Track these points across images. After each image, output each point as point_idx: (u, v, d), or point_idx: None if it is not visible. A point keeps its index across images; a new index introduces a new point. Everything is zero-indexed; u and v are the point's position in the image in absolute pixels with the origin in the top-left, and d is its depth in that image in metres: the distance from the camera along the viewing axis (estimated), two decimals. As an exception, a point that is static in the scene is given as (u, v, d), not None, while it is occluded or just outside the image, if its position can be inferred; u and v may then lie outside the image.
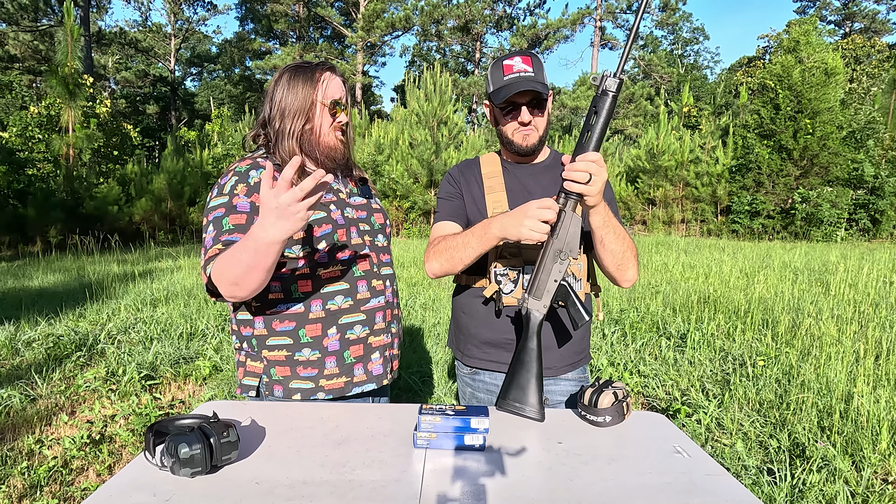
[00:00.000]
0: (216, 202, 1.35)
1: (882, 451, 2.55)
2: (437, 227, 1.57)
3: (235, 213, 1.32)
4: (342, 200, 1.47)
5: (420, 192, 14.66)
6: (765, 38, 37.45)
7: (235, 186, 1.35)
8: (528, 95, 1.44)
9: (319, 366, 1.40)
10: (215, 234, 1.30)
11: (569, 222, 1.26)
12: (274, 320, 1.38)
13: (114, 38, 30.82)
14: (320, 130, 1.41)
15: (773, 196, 14.40)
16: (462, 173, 1.61)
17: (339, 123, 1.43)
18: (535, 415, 1.26)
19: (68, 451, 2.68)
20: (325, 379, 1.40)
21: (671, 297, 5.70)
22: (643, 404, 3.39)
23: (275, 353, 1.39)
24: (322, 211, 1.40)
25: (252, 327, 1.41)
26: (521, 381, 1.29)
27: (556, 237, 1.27)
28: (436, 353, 4.10)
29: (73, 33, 11.66)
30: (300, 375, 1.39)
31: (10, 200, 11.11)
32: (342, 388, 1.42)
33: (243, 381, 1.43)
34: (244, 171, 1.37)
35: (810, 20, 17.95)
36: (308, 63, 1.44)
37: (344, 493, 0.94)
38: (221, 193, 1.35)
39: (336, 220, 1.42)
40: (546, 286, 1.30)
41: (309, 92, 1.39)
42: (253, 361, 1.42)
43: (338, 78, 1.44)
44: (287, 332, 1.38)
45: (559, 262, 1.29)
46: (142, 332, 4.56)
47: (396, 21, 28.61)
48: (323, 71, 1.42)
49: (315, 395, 1.40)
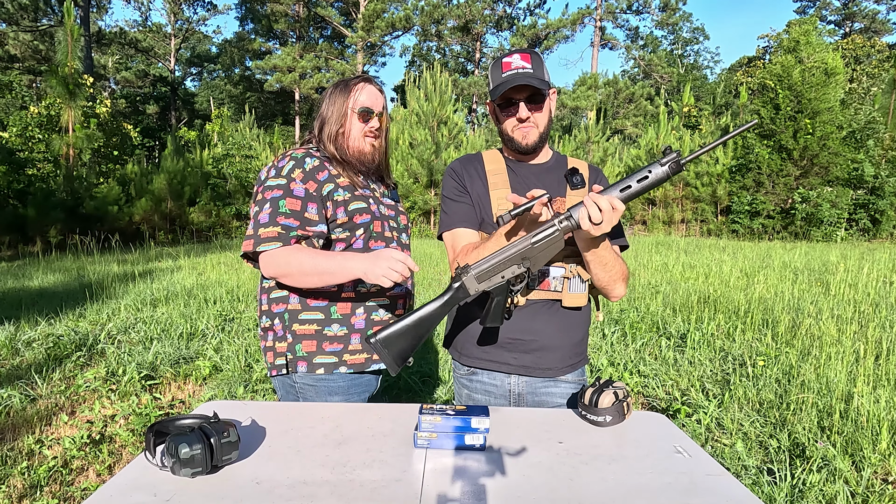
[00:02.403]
0: (274, 182, 1.47)
1: (882, 451, 2.55)
2: (455, 236, 1.51)
3: (292, 196, 1.46)
4: (377, 198, 1.61)
5: (420, 192, 14.66)
6: (765, 38, 37.45)
7: (293, 171, 1.48)
8: (526, 91, 1.43)
9: (345, 341, 1.53)
10: (271, 213, 1.44)
11: (551, 241, 1.25)
12: (310, 297, 1.52)
13: (114, 38, 30.82)
14: (350, 134, 1.57)
15: (773, 196, 14.40)
16: (465, 168, 1.57)
17: (371, 129, 1.57)
18: (391, 367, 1.25)
19: (68, 451, 2.68)
20: (348, 354, 1.53)
21: (671, 297, 5.70)
22: (643, 404, 3.39)
23: (305, 326, 1.52)
24: (363, 202, 1.54)
25: (286, 303, 1.53)
26: (403, 331, 1.26)
27: (535, 244, 1.25)
28: (436, 353, 4.10)
29: (73, 33, 11.66)
30: (325, 350, 1.52)
31: (10, 200, 11.11)
32: (363, 364, 1.55)
33: (275, 362, 1.54)
34: (301, 158, 1.51)
35: (810, 20, 17.95)
36: (352, 77, 1.62)
37: (344, 493, 0.94)
38: (280, 175, 1.48)
39: (374, 213, 1.56)
40: (493, 275, 1.29)
41: (343, 100, 1.56)
42: (280, 342, 1.53)
43: (372, 88, 1.59)
44: (320, 308, 1.52)
45: (518, 266, 1.27)
46: (142, 332, 4.56)
47: (396, 21, 28.61)
48: (358, 82, 1.59)
49: (338, 368, 1.52)
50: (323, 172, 1.51)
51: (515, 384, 1.53)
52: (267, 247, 1.42)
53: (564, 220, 1.25)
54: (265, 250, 1.43)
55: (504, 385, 1.54)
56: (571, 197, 1.50)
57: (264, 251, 1.43)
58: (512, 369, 1.51)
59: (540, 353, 1.50)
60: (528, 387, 1.52)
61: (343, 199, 1.51)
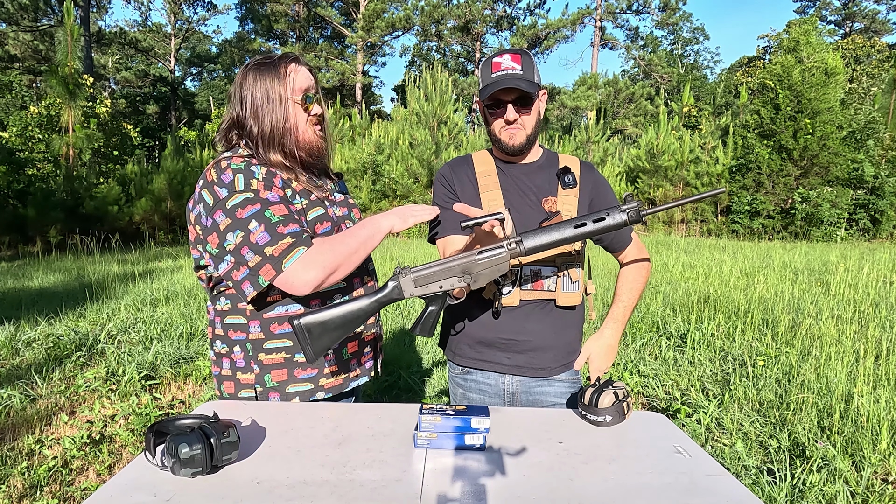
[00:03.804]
0: (239, 199, 1.23)
1: (882, 451, 2.54)
2: (447, 243, 1.51)
3: (274, 204, 1.25)
4: (330, 199, 1.43)
5: (420, 191, 14.65)
6: (765, 38, 37.43)
7: (249, 182, 1.26)
8: (514, 93, 1.42)
9: (319, 365, 1.38)
10: (266, 228, 1.21)
11: (496, 262, 1.22)
12: (272, 323, 1.34)
13: (114, 38, 30.81)
14: (299, 127, 1.35)
15: (773, 196, 14.40)
16: (454, 172, 1.56)
17: (315, 117, 1.38)
18: (309, 356, 1.21)
19: (68, 451, 2.68)
20: (324, 378, 1.39)
21: (671, 297, 5.70)
22: (643, 404, 3.39)
23: (273, 356, 1.35)
24: (321, 207, 1.36)
25: (246, 332, 1.35)
26: (330, 322, 1.21)
27: (479, 261, 1.22)
28: (436, 352, 4.10)
29: (73, 33, 11.66)
30: (298, 378, 1.37)
31: (10, 200, 11.11)
32: (341, 385, 1.42)
33: (238, 394, 1.38)
34: (243, 167, 1.28)
35: (810, 20, 17.96)
36: (270, 57, 1.36)
37: (344, 493, 0.94)
38: (236, 191, 1.25)
39: (332, 217, 1.39)
40: (430, 282, 1.24)
41: (277, 87, 1.32)
42: (244, 373, 1.36)
43: (303, 68, 1.37)
44: (286, 335, 1.35)
45: (458, 279, 1.24)
46: (142, 332, 4.56)
47: (396, 21, 28.61)
48: (287, 63, 1.35)
49: (314, 395, 1.38)
50: (276, 178, 1.31)
51: (509, 383, 1.54)
52: (293, 258, 1.20)
53: (514, 244, 1.21)
54: (293, 262, 1.20)
55: (498, 384, 1.55)
56: (563, 196, 1.50)
57: (292, 264, 1.20)
58: (506, 369, 1.52)
59: (534, 353, 1.50)
60: (522, 386, 1.53)
61: (301, 207, 1.33)
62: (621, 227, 1.21)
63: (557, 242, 1.22)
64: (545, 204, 1.48)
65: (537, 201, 1.49)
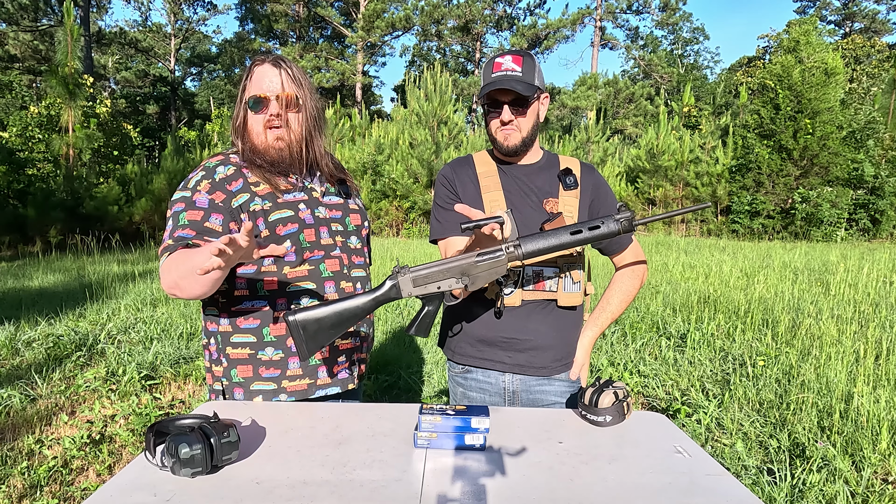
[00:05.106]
0: (178, 195, 1.33)
1: (882, 451, 2.55)
2: (448, 244, 1.51)
3: (194, 208, 1.30)
4: (314, 199, 1.43)
5: (420, 191, 14.65)
6: (765, 38, 37.42)
7: (200, 182, 1.34)
8: (511, 94, 1.42)
9: (282, 366, 1.37)
10: (171, 229, 1.29)
11: (494, 264, 1.22)
12: (239, 317, 1.37)
13: (114, 38, 30.81)
14: (252, 129, 1.37)
15: (773, 196, 14.40)
16: (455, 173, 1.57)
17: (268, 122, 1.34)
18: (302, 352, 1.21)
19: (68, 451, 2.68)
20: (287, 380, 1.38)
21: (671, 297, 5.70)
22: (643, 404, 3.39)
23: (238, 350, 1.37)
24: (289, 210, 1.37)
25: (217, 323, 1.39)
26: (325, 319, 1.21)
27: (478, 263, 1.23)
28: (435, 352, 4.10)
29: (73, 33, 11.65)
30: (262, 376, 1.37)
31: (10, 200, 11.11)
32: (305, 391, 1.39)
33: (213, 385, 1.42)
34: (212, 167, 1.36)
35: (810, 20, 17.94)
36: (260, 56, 1.40)
37: (344, 493, 0.94)
38: (185, 187, 1.34)
39: (304, 220, 1.38)
40: (429, 282, 1.25)
41: (241, 88, 1.36)
42: (216, 366, 1.41)
43: (265, 68, 1.34)
44: (251, 330, 1.36)
45: (456, 280, 1.24)
46: (142, 332, 4.56)
47: (396, 21, 28.60)
48: (256, 65, 1.36)
49: (277, 396, 1.38)
50: (237, 182, 1.34)
51: (510, 382, 1.54)
52: (161, 260, 1.25)
53: (513, 247, 1.22)
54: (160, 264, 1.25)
55: (498, 383, 1.55)
56: (564, 197, 1.50)
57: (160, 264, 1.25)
58: (506, 368, 1.53)
59: (534, 353, 1.51)
60: (523, 385, 1.54)
61: (261, 208, 1.34)
62: (615, 236, 1.26)
63: (555, 248, 1.23)
64: (546, 205, 1.49)
65: (539, 202, 1.50)
